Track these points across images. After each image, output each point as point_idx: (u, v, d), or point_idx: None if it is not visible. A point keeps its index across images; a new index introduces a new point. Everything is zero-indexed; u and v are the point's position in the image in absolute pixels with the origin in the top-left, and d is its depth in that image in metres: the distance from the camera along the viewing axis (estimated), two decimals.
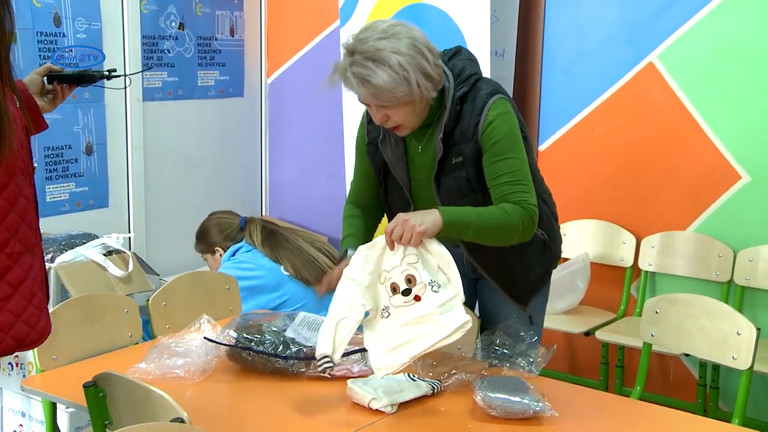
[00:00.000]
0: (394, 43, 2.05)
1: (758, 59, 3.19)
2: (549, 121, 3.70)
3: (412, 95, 2.06)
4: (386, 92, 2.05)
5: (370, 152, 2.35)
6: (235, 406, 2.10)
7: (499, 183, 2.16)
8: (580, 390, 2.26)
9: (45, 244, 3.07)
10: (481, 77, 2.22)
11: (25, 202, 1.58)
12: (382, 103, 2.09)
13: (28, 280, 1.57)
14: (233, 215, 3.37)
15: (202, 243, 3.34)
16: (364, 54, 2.05)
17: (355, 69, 2.06)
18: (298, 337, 2.23)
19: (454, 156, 2.19)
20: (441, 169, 2.21)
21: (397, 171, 2.30)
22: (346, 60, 2.09)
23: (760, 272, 3.22)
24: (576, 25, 3.61)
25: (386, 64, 2.03)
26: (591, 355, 3.63)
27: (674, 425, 1.99)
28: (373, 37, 2.06)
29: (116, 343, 2.47)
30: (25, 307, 1.57)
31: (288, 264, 3.10)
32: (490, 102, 2.16)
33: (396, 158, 2.28)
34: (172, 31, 4.07)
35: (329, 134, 4.30)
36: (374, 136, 2.32)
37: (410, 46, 2.06)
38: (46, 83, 1.98)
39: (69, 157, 3.67)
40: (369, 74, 2.04)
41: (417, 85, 2.05)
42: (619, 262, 3.57)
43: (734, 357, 2.36)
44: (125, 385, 1.86)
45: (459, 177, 2.20)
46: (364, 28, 2.11)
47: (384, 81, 2.03)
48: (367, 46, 2.05)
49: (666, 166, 3.43)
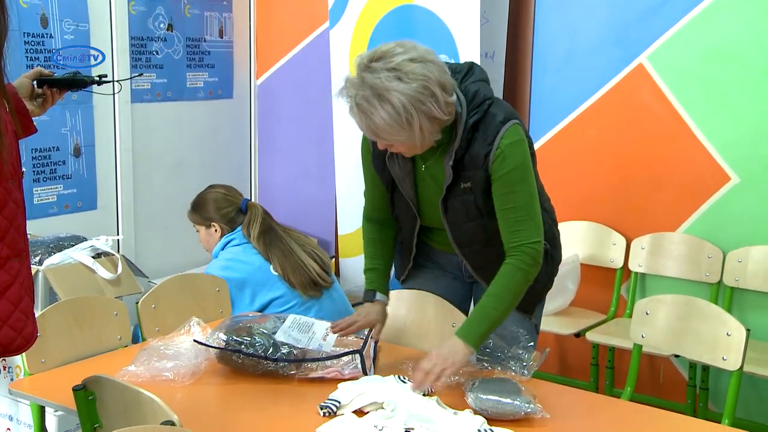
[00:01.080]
0: (403, 85, 1.96)
1: (747, 61, 3.21)
2: (539, 123, 3.71)
3: (413, 139, 2.03)
4: (385, 132, 2.01)
5: (377, 166, 2.31)
6: (225, 408, 2.10)
7: (506, 216, 2.17)
8: (571, 391, 2.26)
9: (33, 247, 3.08)
10: (493, 101, 2.17)
11: (14, 207, 1.57)
12: (379, 140, 2.07)
13: (15, 285, 1.57)
14: (234, 194, 3.29)
15: (197, 214, 3.26)
16: (372, 87, 1.98)
17: (360, 101, 1.99)
18: (288, 339, 2.23)
19: (462, 181, 2.17)
20: (449, 192, 2.20)
21: (404, 187, 2.27)
22: (354, 86, 2.01)
23: (749, 273, 3.24)
24: (566, 26, 3.62)
25: (390, 104, 1.96)
26: (581, 356, 3.64)
27: (665, 426, 2.00)
28: (385, 73, 1.97)
29: (105, 346, 2.46)
30: (11, 312, 1.57)
31: (277, 265, 3.09)
32: (502, 131, 2.12)
33: (403, 174, 2.25)
34: (160, 32, 4.06)
35: (319, 136, 4.31)
36: (379, 152, 2.26)
37: (421, 88, 1.98)
38: (35, 87, 1.98)
39: (57, 159, 3.65)
40: (371, 111, 1.98)
41: (420, 129, 2.00)
42: (609, 263, 3.58)
43: (724, 358, 2.38)
44: (115, 388, 1.86)
45: (467, 201, 2.20)
46: (380, 53, 2.01)
47: (385, 122, 1.98)
48: (377, 81, 1.97)
49: (656, 168, 3.44)
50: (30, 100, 1.96)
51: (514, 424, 1.92)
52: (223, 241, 3.17)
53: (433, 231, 2.37)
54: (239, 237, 3.14)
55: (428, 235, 2.40)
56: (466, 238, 2.29)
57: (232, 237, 3.16)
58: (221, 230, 3.19)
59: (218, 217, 3.19)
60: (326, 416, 1.96)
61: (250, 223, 3.16)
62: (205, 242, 3.26)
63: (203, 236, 3.25)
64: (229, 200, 3.22)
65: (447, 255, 2.43)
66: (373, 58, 2.01)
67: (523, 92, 3.73)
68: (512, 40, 3.71)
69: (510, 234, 2.16)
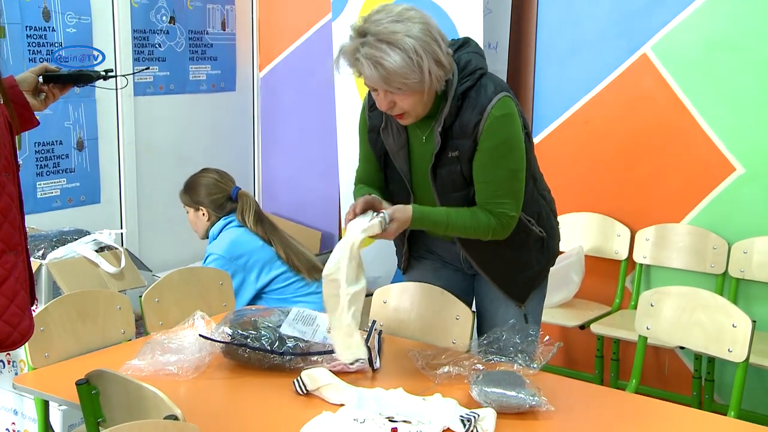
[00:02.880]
0: (408, 27, 2.00)
1: (751, 50, 3.19)
2: (543, 113, 3.69)
3: (423, 83, 2.02)
4: (398, 76, 2.00)
5: (371, 139, 2.31)
6: (229, 402, 2.09)
7: (484, 188, 2.17)
8: (576, 384, 2.26)
9: (36, 241, 3.07)
10: (486, 72, 2.17)
11: (7, 200, 1.56)
12: (391, 89, 2.05)
13: (10, 280, 1.56)
14: (226, 181, 3.35)
15: (188, 196, 3.33)
16: (377, 36, 1.99)
17: (367, 50, 2.00)
18: (293, 332, 2.23)
19: (450, 150, 2.17)
20: (438, 161, 2.20)
21: (398, 160, 2.27)
22: (356, 41, 2.03)
23: (754, 264, 3.23)
24: (569, 16, 3.60)
25: (400, 47, 1.98)
26: (586, 348, 3.63)
27: (671, 418, 1.99)
28: (387, 20, 2.01)
29: (109, 340, 2.46)
30: (7, 306, 1.56)
31: (280, 249, 3.17)
32: (494, 101, 2.11)
33: (397, 147, 2.25)
34: (162, 25, 4.05)
35: (322, 128, 4.29)
36: (375, 123, 2.27)
37: (425, 31, 2.02)
38: (41, 82, 1.97)
39: (60, 152, 3.65)
40: (382, 56, 1.98)
41: (429, 73, 2.01)
42: (614, 254, 3.57)
43: (730, 350, 2.36)
44: (118, 383, 1.85)
45: (453, 171, 2.19)
46: (376, 11, 2.05)
47: (397, 64, 1.98)
48: (381, 28, 2.00)
49: (660, 158, 3.43)
50: (33, 94, 1.95)
51: (519, 416, 1.92)
52: (221, 223, 3.25)
53: None
54: (236, 221, 3.23)
55: None
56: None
57: (230, 220, 3.24)
58: (209, 215, 3.27)
59: (207, 202, 3.27)
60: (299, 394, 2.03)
61: (243, 211, 3.24)
62: (193, 224, 3.35)
63: (191, 218, 3.33)
64: (220, 187, 3.29)
65: (445, 245, 2.42)
66: (370, 14, 2.05)
67: (527, 83, 3.71)
68: (515, 31, 3.69)
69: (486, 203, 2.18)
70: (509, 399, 1.93)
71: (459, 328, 2.42)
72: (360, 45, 2.01)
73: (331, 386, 2.03)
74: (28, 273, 1.69)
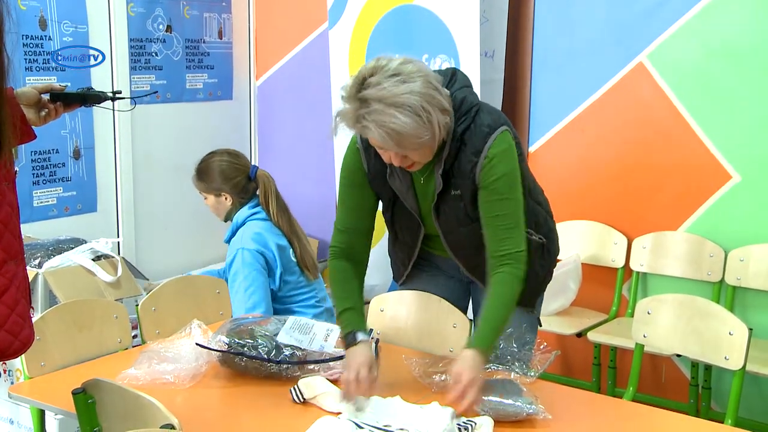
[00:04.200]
0: (410, 86, 1.94)
1: (748, 59, 3.20)
2: (539, 122, 3.70)
3: (434, 137, 2.00)
4: (411, 138, 1.96)
5: (376, 186, 2.27)
6: (226, 411, 2.09)
7: (493, 223, 2.15)
8: (573, 392, 2.26)
9: (32, 250, 3.07)
10: (480, 107, 2.15)
11: (8, 209, 1.56)
12: (405, 151, 2.02)
13: (11, 289, 1.56)
14: (242, 161, 3.22)
15: (204, 183, 3.19)
16: (382, 101, 1.93)
17: (375, 117, 1.94)
18: (290, 341, 2.22)
19: (453, 189, 2.17)
20: (440, 199, 2.20)
21: (408, 200, 2.26)
22: (357, 107, 1.96)
23: (751, 272, 3.23)
24: (565, 25, 3.61)
25: (409, 108, 1.93)
26: (583, 356, 3.63)
27: (668, 426, 1.99)
28: (388, 83, 1.94)
29: (105, 349, 2.45)
30: (8, 315, 1.56)
31: (297, 248, 3.11)
32: (490, 140, 2.11)
33: (404, 188, 2.23)
34: (159, 33, 4.05)
35: (319, 136, 4.29)
36: (379, 169, 2.23)
37: (426, 84, 1.97)
38: (47, 100, 1.96)
39: (56, 161, 3.65)
40: (392, 121, 1.92)
41: (438, 125, 1.98)
42: (611, 262, 3.58)
43: (726, 357, 2.37)
44: (115, 392, 1.85)
45: (457, 208, 2.20)
46: (368, 71, 1.97)
47: (409, 126, 1.93)
48: (385, 93, 1.93)
49: (657, 167, 3.44)
50: (34, 110, 1.94)
51: (516, 425, 1.92)
52: (245, 212, 3.13)
53: (431, 238, 2.37)
54: (260, 211, 3.12)
55: (426, 242, 2.40)
56: (458, 243, 2.29)
57: (254, 211, 3.12)
58: (232, 199, 3.15)
59: (229, 187, 3.14)
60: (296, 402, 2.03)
61: (267, 194, 3.13)
62: (215, 209, 3.22)
63: (212, 204, 3.20)
64: (238, 169, 3.17)
65: (445, 259, 2.42)
66: (364, 77, 1.97)
67: (523, 91, 3.72)
68: (512, 40, 3.70)
69: (498, 242, 2.15)
70: (506, 407, 1.93)
71: (456, 336, 2.42)
72: (366, 113, 1.95)
73: (328, 395, 2.03)
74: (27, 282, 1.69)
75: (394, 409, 1.96)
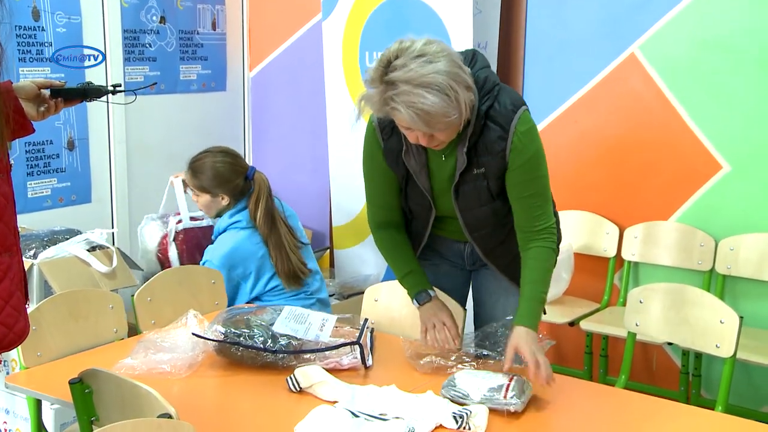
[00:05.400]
0: (436, 66, 1.95)
1: (738, 50, 3.20)
2: (532, 113, 3.65)
3: (461, 116, 2.01)
4: (440, 116, 1.96)
5: (391, 163, 2.28)
6: (222, 400, 2.09)
7: (526, 203, 2.22)
8: (565, 380, 2.26)
9: (27, 240, 3.06)
10: (501, 87, 2.16)
11: (2, 201, 1.55)
12: (434, 130, 2.02)
13: (5, 281, 1.55)
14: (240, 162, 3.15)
15: (200, 181, 3.11)
16: (409, 82, 1.94)
17: (404, 98, 1.94)
18: (286, 330, 2.22)
19: (476, 167, 2.18)
20: (461, 178, 2.20)
21: (420, 179, 2.26)
22: (385, 90, 1.97)
23: (741, 261, 3.24)
24: (558, 16, 3.61)
25: (436, 88, 1.94)
26: (575, 344, 3.64)
27: (659, 414, 2.00)
28: (414, 63, 1.94)
29: (101, 339, 2.45)
30: (2, 308, 1.55)
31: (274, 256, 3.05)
32: (516, 117, 2.13)
33: (419, 167, 2.24)
34: (153, 25, 4.03)
35: (313, 127, 4.29)
36: (394, 146, 2.24)
37: (450, 62, 1.97)
38: (47, 96, 1.94)
39: (50, 152, 3.63)
40: (421, 101, 1.93)
41: (465, 104, 1.99)
42: (603, 252, 3.58)
43: (717, 345, 2.38)
44: (112, 381, 1.85)
45: (479, 186, 2.21)
46: (393, 53, 1.97)
47: (438, 106, 1.94)
48: (412, 74, 1.93)
49: (648, 157, 3.44)
50: (32, 104, 1.93)
51: (510, 413, 1.92)
52: (226, 220, 3.08)
53: (444, 220, 2.37)
54: (245, 219, 3.06)
55: (438, 225, 2.39)
56: (476, 223, 2.29)
57: (236, 219, 3.07)
58: (229, 200, 3.10)
59: (227, 190, 3.09)
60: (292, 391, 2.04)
61: (257, 202, 3.06)
62: (207, 208, 3.15)
63: (206, 203, 3.13)
64: (237, 171, 3.11)
65: (452, 243, 2.43)
66: (389, 60, 1.97)
67: (516, 82, 3.72)
68: (505, 31, 3.70)
69: (532, 219, 2.22)
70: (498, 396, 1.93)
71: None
72: (394, 95, 1.96)
73: (324, 383, 2.03)
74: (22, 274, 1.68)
75: (390, 398, 1.96)
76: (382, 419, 1.85)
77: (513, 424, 1.89)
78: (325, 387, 2.02)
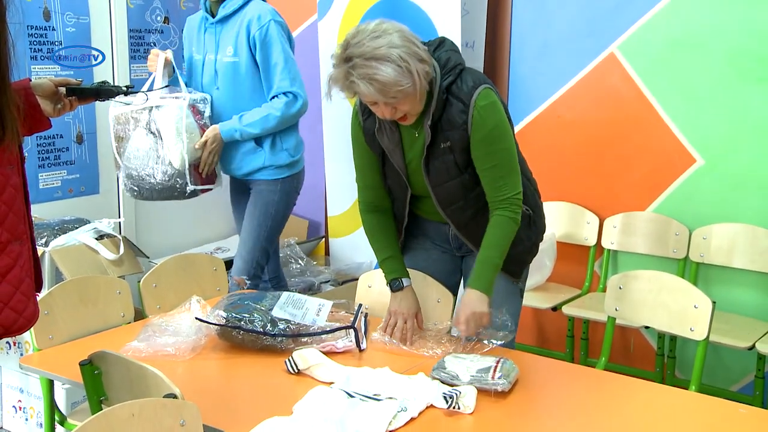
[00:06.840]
0: (388, 39, 2.04)
1: (711, 50, 3.21)
2: (517, 108, 3.70)
3: (415, 85, 2.05)
4: (393, 86, 2.03)
5: (368, 141, 2.32)
6: (224, 381, 2.09)
7: (489, 174, 2.22)
8: (548, 361, 2.27)
9: (39, 229, 3.05)
10: (465, 68, 2.21)
11: (12, 192, 1.55)
12: (389, 99, 2.07)
13: (15, 268, 1.55)
14: None
15: None
16: (363, 56, 2.02)
17: (359, 71, 2.03)
18: (284, 315, 2.23)
19: (441, 141, 2.20)
20: (429, 153, 2.23)
21: (395, 157, 2.29)
22: (344, 67, 2.06)
23: (713, 249, 3.26)
24: (541, 17, 3.61)
25: (388, 60, 2.02)
26: (558, 328, 3.65)
27: (637, 393, 2.01)
28: (367, 39, 2.04)
29: (109, 323, 2.45)
30: (12, 294, 1.55)
31: None
32: (476, 93, 2.16)
33: (392, 145, 2.27)
34: (157, 24, 4.01)
35: (308, 123, 4.27)
36: (370, 126, 2.29)
37: (402, 37, 2.06)
38: (63, 94, 1.93)
39: (60, 145, 3.61)
40: (375, 72, 2.01)
41: (417, 74, 2.05)
42: (584, 241, 3.59)
43: (692, 329, 2.39)
44: (120, 363, 1.85)
45: (447, 161, 2.22)
46: (351, 35, 2.07)
47: (390, 75, 2.01)
48: (365, 48, 2.03)
49: (626, 151, 3.45)
50: (49, 101, 1.92)
51: (497, 392, 1.92)
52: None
53: (421, 200, 2.38)
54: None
55: (417, 205, 2.41)
56: (448, 197, 2.30)
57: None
58: None
59: None
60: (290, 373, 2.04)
61: None
62: None
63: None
64: None
65: (436, 225, 2.43)
66: (348, 40, 2.07)
67: (502, 80, 3.72)
68: (491, 31, 3.69)
69: (495, 189, 2.23)
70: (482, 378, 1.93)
71: (439, 311, 2.43)
72: (350, 69, 2.04)
73: (321, 365, 2.04)
74: (35, 260, 1.67)
75: (383, 379, 1.97)
76: (376, 399, 1.86)
77: (500, 403, 1.89)
78: (322, 369, 2.03)
